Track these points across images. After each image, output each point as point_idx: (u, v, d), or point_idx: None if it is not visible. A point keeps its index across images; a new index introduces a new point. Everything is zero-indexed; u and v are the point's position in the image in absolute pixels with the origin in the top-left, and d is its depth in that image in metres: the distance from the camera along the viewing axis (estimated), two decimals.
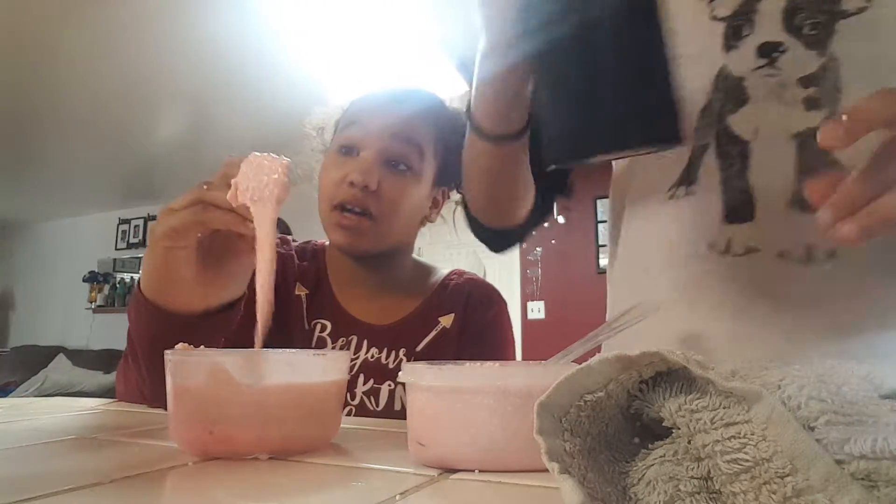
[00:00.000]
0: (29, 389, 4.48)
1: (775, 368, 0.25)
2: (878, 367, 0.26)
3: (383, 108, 0.78)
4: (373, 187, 0.74)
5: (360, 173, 0.74)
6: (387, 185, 0.75)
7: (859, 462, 0.19)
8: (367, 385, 0.78)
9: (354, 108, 0.82)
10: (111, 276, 5.90)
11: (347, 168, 0.75)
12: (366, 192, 0.74)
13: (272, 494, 0.33)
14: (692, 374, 0.24)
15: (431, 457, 0.38)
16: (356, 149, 0.77)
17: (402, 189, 0.76)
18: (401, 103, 0.79)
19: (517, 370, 0.39)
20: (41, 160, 4.57)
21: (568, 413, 0.26)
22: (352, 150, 0.77)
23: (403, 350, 0.80)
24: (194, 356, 0.42)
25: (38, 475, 0.35)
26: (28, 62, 2.99)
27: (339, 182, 0.75)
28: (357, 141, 0.77)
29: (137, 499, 0.31)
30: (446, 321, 0.82)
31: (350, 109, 0.82)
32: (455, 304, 0.84)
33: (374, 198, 0.74)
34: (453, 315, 0.82)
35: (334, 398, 0.45)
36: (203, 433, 0.40)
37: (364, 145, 0.76)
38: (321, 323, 0.81)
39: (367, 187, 0.74)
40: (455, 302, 0.84)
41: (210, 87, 3.26)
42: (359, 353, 0.79)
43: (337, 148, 0.78)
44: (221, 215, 0.53)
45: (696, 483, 0.23)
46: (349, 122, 0.79)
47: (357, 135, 0.77)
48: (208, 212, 0.53)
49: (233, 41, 2.78)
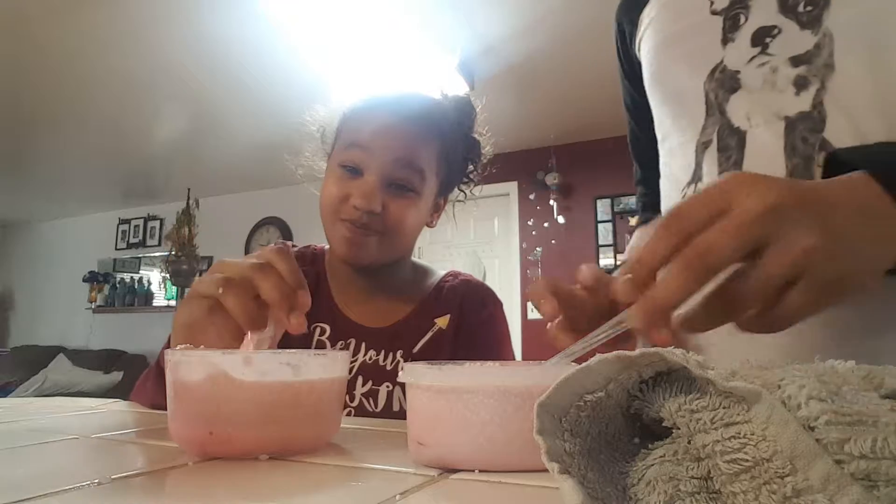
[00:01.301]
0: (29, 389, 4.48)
1: (775, 368, 0.25)
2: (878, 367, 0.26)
3: (386, 130, 0.76)
4: (377, 211, 0.74)
5: (363, 198, 0.73)
6: (391, 206, 0.75)
7: (859, 462, 0.19)
8: (365, 387, 0.78)
9: (356, 120, 0.80)
10: (111, 276, 5.90)
11: (350, 188, 0.75)
12: (370, 215, 0.74)
13: (272, 494, 0.33)
14: (692, 374, 0.24)
15: (431, 457, 0.38)
16: (359, 169, 0.76)
17: (406, 210, 0.76)
18: (403, 123, 0.76)
19: (517, 370, 0.38)
20: (41, 160, 4.58)
21: (568, 413, 0.26)
22: (354, 169, 0.76)
23: (401, 352, 0.81)
24: (194, 356, 0.42)
25: (38, 475, 0.35)
26: (28, 62, 2.99)
27: (343, 199, 0.75)
28: (359, 162, 0.76)
29: (137, 499, 0.31)
30: (442, 322, 0.83)
31: (351, 118, 0.81)
32: (450, 305, 0.85)
33: (378, 219, 0.74)
34: (449, 316, 0.83)
35: (334, 398, 0.45)
36: (203, 433, 0.40)
37: (367, 168, 0.75)
38: (320, 326, 0.82)
39: (372, 211, 0.74)
40: (450, 303, 0.85)
41: (210, 87, 3.26)
42: (357, 355, 0.80)
43: (339, 163, 0.77)
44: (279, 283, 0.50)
45: (696, 483, 0.23)
46: (351, 141, 0.77)
47: (360, 157, 0.76)
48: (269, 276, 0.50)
49: (233, 41, 2.78)
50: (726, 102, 0.57)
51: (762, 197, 0.32)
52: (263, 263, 0.51)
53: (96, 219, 6.11)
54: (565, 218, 4.12)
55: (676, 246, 0.33)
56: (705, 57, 0.60)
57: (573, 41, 2.75)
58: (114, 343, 5.43)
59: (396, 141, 0.75)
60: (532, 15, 2.60)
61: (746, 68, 0.56)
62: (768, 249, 0.32)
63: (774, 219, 0.32)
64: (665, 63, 0.65)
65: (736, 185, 0.33)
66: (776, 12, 0.56)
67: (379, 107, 0.79)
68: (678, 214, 0.34)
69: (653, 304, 0.32)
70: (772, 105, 0.54)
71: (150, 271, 5.90)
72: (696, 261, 0.32)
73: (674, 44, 0.64)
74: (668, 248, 0.33)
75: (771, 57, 0.55)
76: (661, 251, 0.33)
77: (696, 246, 0.32)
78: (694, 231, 0.33)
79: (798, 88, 0.53)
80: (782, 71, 0.54)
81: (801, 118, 0.53)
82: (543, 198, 4.15)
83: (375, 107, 0.80)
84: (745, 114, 0.56)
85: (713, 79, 0.59)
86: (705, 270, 0.32)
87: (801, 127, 0.53)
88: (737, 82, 0.57)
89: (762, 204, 0.32)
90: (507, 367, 0.40)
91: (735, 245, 0.32)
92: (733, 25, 0.58)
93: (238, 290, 0.49)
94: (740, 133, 0.56)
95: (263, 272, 0.50)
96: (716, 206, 0.33)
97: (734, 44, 0.58)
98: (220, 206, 5.18)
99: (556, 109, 3.61)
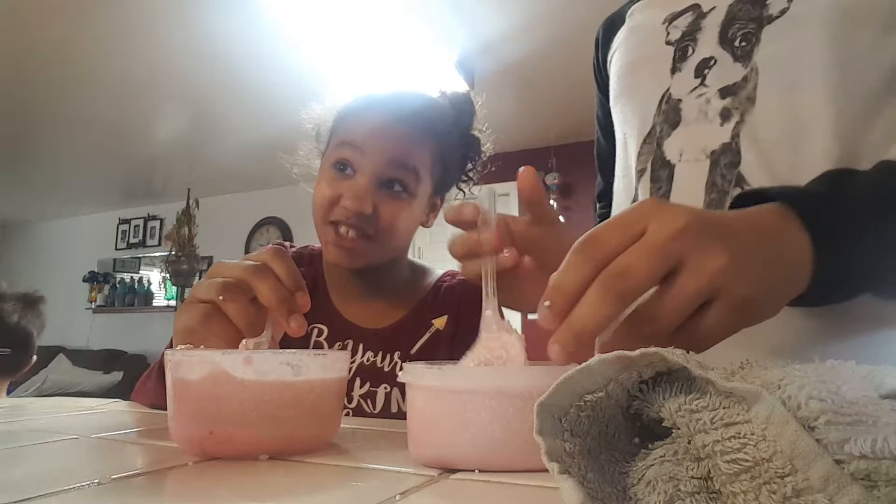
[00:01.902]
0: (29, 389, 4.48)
1: (775, 368, 0.25)
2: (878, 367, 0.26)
3: (380, 129, 0.75)
4: (368, 212, 0.73)
5: (354, 199, 0.72)
6: (383, 208, 0.74)
7: (859, 462, 0.19)
8: (363, 388, 0.78)
9: (351, 118, 0.79)
10: (111, 276, 5.90)
11: (342, 188, 0.74)
12: (360, 216, 0.73)
13: (272, 494, 0.33)
14: (692, 374, 0.24)
15: (431, 457, 0.38)
16: (351, 168, 0.75)
17: (398, 211, 0.75)
18: (398, 123, 0.76)
19: (517, 370, 0.39)
20: (41, 160, 4.58)
21: (568, 413, 0.26)
22: (346, 168, 0.76)
23: (398, 353, 0.80)
24: (194, 356, 0.42)
25: (38, 475, 0.35)
26: (28, 62, 2.99)
27: (333, 200, 0.74)
28: (352, 162, 0.75)
29: (137, 499, 0.31)
30: (440, 323, 0.82)
31: (346, 117, 0.80)
32: (448, 305, 0.84)
33: (369, 220, 0.74)
34: (446, 317, 0.83)
35: (334, 398, 0.45)
36: (203, 433, 0.40)
37: (359, 167, 0.75)
38: (318, 328, 0.82)
39: (362, 213, 0.73)
40: (448, 303, 0.84)
41: (210, 87, 3.26)
42: (355, 356, 0.80)
43: (332, 163, 0.77)
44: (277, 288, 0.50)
45: (696, 483, 0.23)
46: (344, 139, 0.77)
47: (353, 156, 0.75)
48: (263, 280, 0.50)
49: (233, 41, 2.78)
50: (667, 137, 0.60)
51: (673, 220, 0.33)
52: (260, 266, 0.50)
53: (96, 219, 6.10)
54: (565, 218, 4.11)
55: (593, 271, 0.33)
56: (657, 85, 0.62)
57: (573, 40, 2.74)
58: (114, 343, 5.43)
59: (390, 141, 0.75)
60: (532, 14, 2.60)
61: (687, 98, 0.59)
62: (682, 270, 0.33)
63: (686, 241, 0.33)
64: (623, 88, 0.68)
65: (648, 210, 0.34)
66: (716, 44, 0.58)
67: (373, 106, 0.79)
68: (593, 239, 0.34)
69: (574, 332, 0.33)
70: (701, 140, 0.57)
71: (150, 271, 5.90)
72: (613, 285, 0.32)
73: (632, 71, 0.67)
74: (586, 273, 0.33)
75: (707, 88, 0.58)
76: (578, 277, 0.33)
77: (612, 270, 0.33)
78: (609, 255, 0.33)
79: (723, 119, 0.56)
80: (713, 102, 0.57)
81: (723, 151, 0.56)
82: None
83: (370, 106, 0.79)
84: (679, 150, 0.59)
85: (661, 110, 0.62)
86: (624, 294, 0.32)
87: (722, 163, 0.55)
88: (678, 114, 0.60)
89: (674, 227, 0.33)
90: (507, 367, 0.40)
91: (651, 267, 0.32)
92: (682, 56, 0.61)
93: (237, 296, 0.49)
94: (670, 166, 0.59)
95: (260, 275, 0.50)
96: (630, 230, 0.34)
97: (680, 73, 0.60)
98: (220, 206, 5.17)
99: (556, 109, 3.60)
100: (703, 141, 0.57)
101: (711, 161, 0.56)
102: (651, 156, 0.61)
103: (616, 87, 0.70)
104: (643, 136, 0.63)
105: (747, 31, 0.56)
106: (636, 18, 0.70)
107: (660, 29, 0.64)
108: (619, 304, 0.32)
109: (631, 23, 0.70)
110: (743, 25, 0.57)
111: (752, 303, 0.35)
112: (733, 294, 0.34)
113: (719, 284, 0.33)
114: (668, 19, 0.64)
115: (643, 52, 0.66)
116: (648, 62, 0.64)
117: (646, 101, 0.63)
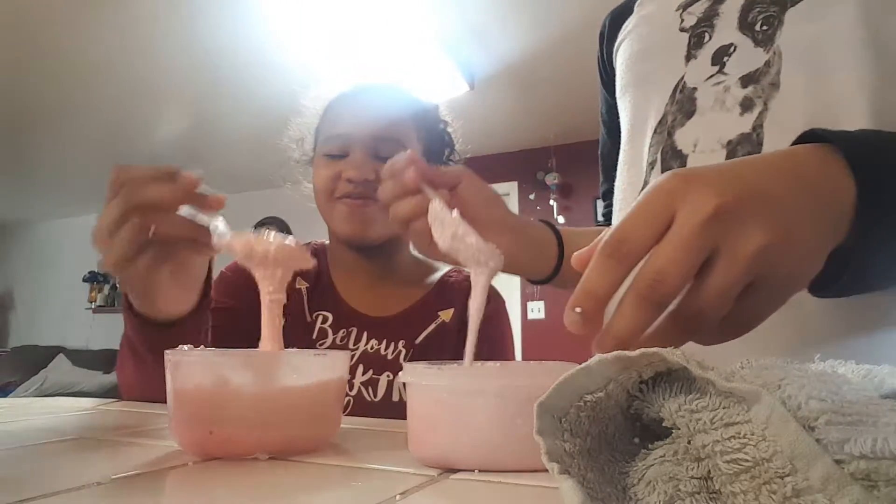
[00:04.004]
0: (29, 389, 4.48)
1: (775, 368, 0.25)
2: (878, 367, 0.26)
3: (359, 113, 0.82)
4: (371, 178, 0.77)
5: (355, 170, 0.77)
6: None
7: (859, 462, 0.19)
8: (365, 375, 0.79)
9: (332, 117, 0.84)
10: (111, 276, 5.90)
11: (340, 166, 0.79)
12: (365, 184, 0.77)
13: (272, 494, 0.33)
14: (692, 374, 0.24)
15: (431, 457, 0.38)
16: (343, 153, 0.80)
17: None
18: (377, 109, 0.82)
19: (517, 370, 0.39)
20: (41, 160, 4.57)
21: (568, 413, 0.26)
22: (339, 155, 0.80)
23: (403, 342, 0.82)
24: (194, 356, 0.42)
25: (38, 475, 0.35)
26: (28, 62, 2.99)
27: (335, 178, 0.79)
28: (343, 148, 0.80)
29: (137, 499, 0.31)
30: (446, 315, 0.84)
31: (328, 118, 0.85)
32: (454, 299, 0.86)
33: (374, 185, 0.75)
34: (453, 310, 0.84)
35: (334, 398, 0.45)
36: (203, 433, 0.40)
37: (351, 149, 0.80)
38: (322, 314, 0.83)
39: (367, 180, 0.77)
40: (454, 297, 0.86)
41: (210, 87, 3.26)
42: (358, 343, 0.81)
43: (323, 155, 0.82)
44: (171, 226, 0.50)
45: (696, 483, 0.23)
46: (330, 133, 0.82)
47: (341, 143, 0.80)
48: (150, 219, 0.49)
49: (233, 41, 2.78)
50: (679, 127, 0.58)
51: (702, 204, 0.31)
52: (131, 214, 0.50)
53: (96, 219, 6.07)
54: (565, 218, 4.11)
55: (624, 273, 0.31)
56: (669, 73, 0.60)
57: (573, 41, 2.74)
58: (114, 343, 5.41)
59: (371, 119, 0.80)
60: (532, 14, 2.60)
61: (703, 86, 0.57)
62: (719, 258, 0.31)
63: (719, 227, 0.31)
64: (633, 77, 0.67)
65: (674, 191, 0.32)
66: (735, 29, 0.56)
67: (350, 97, 0.85)
68: (620, 238, 0.32)
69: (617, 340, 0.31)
70: (717, 130, 0.55)
71: None
72: (649, 294, 0.30)
73: (643, 59, 0.66)
74: (616, 278, 0.31)
75: (726, 76, 0.56)
76: (608, 282, 0.31)
77: (645, 277, 0.31)
78: (639, 253, 0.31)
79: (743, 109, 0.54)
80: (733, 91, 0.55)
81: (740, 141, 0.53)
82: (543, 198, 4.15)
83: (347, 98, 0.85)
84: (693, 140, 0.57)
85: (674, 99, 0.60)
86: (660, 301, 0.31)
87: (739, 153, 0.53)
88: (693, 104, 0.58)
89: (703, 213, 0.30)
90: (507, 367, 0.40)
91: (684, 268, 0.30)
92: (698, 43, 0.59)
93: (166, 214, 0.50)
94: (682, 157, 0.57)
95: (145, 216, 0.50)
96: (657, 222, 0.31)
97: (696, 61, 0.59)
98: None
99: (556, 109, 3.60)
100: (719, 131, 0.55)
101: (728, 151, 0.53)
102: (661, 146, 0.59)
103: (624, 76, 0.67)
104: (654, 127, 0.61)
105: (769, 15, 0.54)
106: (647, 7, 0.67)
107: (673, 16, 0.62)
108: (657, 310, 0.31)
109: (641, 11, 0.68)
110: (764, 9, 0.55)
111: (796, 276, 0.34)
112: (776, 273, 0.32)
113: (759, 268, 0.31)
114: (683, 6, 0.61)
115: (655, 40, 0.64)
116: (661, 50, 0.62)
117: (657, 90, 0.61)
